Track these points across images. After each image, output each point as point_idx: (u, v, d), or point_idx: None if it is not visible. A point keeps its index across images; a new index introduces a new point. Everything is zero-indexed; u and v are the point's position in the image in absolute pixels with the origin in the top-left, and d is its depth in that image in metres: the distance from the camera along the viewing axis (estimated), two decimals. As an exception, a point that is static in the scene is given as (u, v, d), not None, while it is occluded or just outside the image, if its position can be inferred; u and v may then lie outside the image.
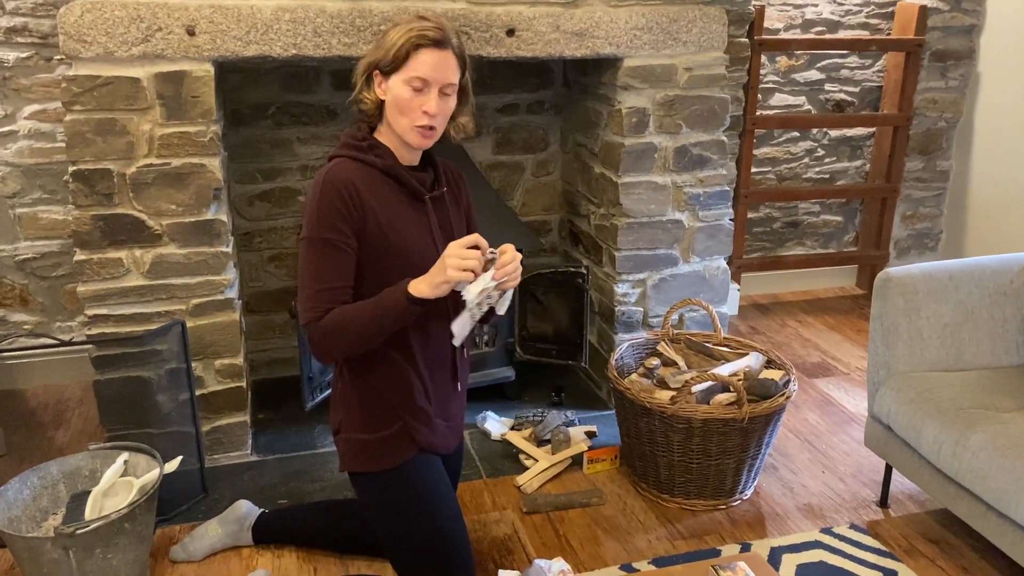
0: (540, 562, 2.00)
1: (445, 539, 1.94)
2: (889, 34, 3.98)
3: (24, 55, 2.89)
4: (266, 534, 2.29)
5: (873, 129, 4.13)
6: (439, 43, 1.78)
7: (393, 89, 1.80)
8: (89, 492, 2.12)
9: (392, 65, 1.79)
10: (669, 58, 2.77)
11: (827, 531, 2.42)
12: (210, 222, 2.50)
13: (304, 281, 1.79)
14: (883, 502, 2.56)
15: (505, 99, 3.30)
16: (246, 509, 2.32)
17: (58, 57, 2.90)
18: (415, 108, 1.79)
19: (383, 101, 1.84)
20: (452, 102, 1.84)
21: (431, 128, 1.82)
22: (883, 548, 2.34)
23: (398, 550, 1.98)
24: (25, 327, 3.16)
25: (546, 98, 3.34)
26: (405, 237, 1.84)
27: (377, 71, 1.83)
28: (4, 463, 2.69)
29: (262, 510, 2.33)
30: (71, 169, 2.37)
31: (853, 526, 2.44)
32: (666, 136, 2.86)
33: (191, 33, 2.33)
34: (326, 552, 2.29)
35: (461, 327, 1.81)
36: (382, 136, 1.88)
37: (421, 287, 1.71)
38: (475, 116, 1.97)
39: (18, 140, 2.96)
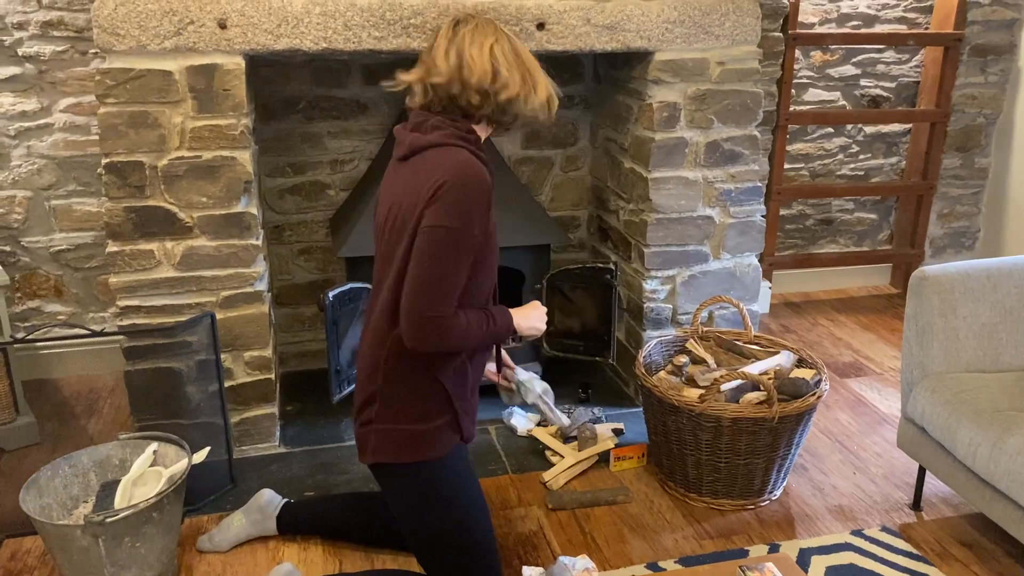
0: (565, 559, 1.99)
1: (476, 532, 1.94)
2: (927, 28, 3.91)
3: (60, 49, 2.92)
4: (292, 524, 2.30)
5: (909, 125, 4.06)
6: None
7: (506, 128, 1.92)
8: (119, 481, 2.15)
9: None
10: (701, 52, 2.74)
11: (858, 533, 2.38)
12: (240, 215, 2.51)
13: (441, 271, 1.72)
14: (916, 505, 2.51)
15: (535, 93, 3.28)
16: (267, 497, 2.33)
17: (93, 51, 2.94)
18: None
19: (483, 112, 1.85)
20: None
21: None
22: (915, 551, 2.30)
23: (426, 543, 1.97)
24: (59, 317, 3.20)
25: (576, 92, 3.32)
26: (496, 234, 1.88)
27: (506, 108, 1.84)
28: (37, 451, 2.74)
29: (286, 499, 2.34)
30: (104, 161, 2.39)
31: (885, 528, 2.40)
32: (697, 131, 2.82)
33: (222, 26, 2.35)
34: (352, 544, 2.30)
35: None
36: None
37: (523, 325, 1.97)
38: None
39: (53, 133, 3.00)
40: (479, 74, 1.78)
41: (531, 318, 1.98)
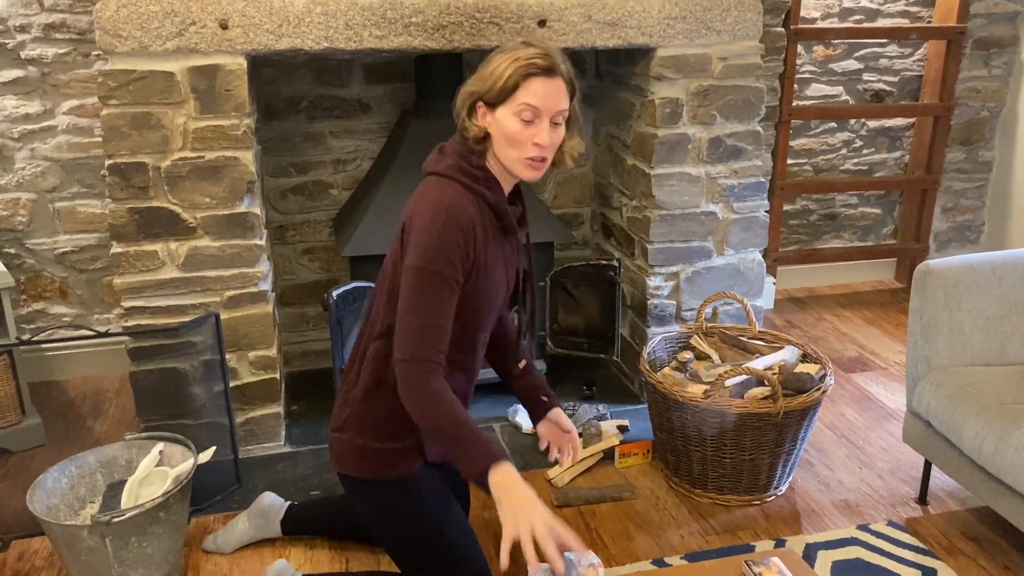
0: (570, 555, 1.99)
1: (450, 548, 1.87)
2: (930, 22, 3.90)
3: (62, 51, 2.93)
4: (297, 525, 2.31)
5: (913, 120, 4.05)
6: (549, 71, 1.66)
7: (501, 121, 1.69)
8: (125, 481, 2.15)
9: (499, 97, 1.68)
10: (703, 48, 2.74)
11: (864, 528, 2.37)
12: (243, 215, 2.52)
13: (410, 314, 1.65)
14: (922, 499, 2.51)
15: (537, 91, 3.28)
16: (269, 501, 2.32)
17: (95, 53, 2.94)
18: (525, 140, 1.68)
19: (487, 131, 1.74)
20: (562, 131, 1.74)
21: (542, 160, 1.71)
22: (922, 546, 2.30)
23: (398, 557, 1.93)
24: (64, 319, 3.21)
25: (578, 89, 3.31)
26: (495, 275, 1.79)
27: (481, 103, 1.71)
28: (44, 453, 2.74)
29: (289, 502, 2.35)
30: (107, 163, 2.40)
31: (891, 523, 2.40)
32: (700, 127, 2.82)
33: (224, 27, 2.35)
34: (358, 544, 2.30)
35: None
36: (489, 164, 1.77)
37: (498, 489, 1.53)
38: (583, 133, 1.86)
39: (57, 135, 3.01)
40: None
41: (516, 505, 1.51)
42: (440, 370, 1.65)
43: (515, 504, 1.51)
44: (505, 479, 1.54)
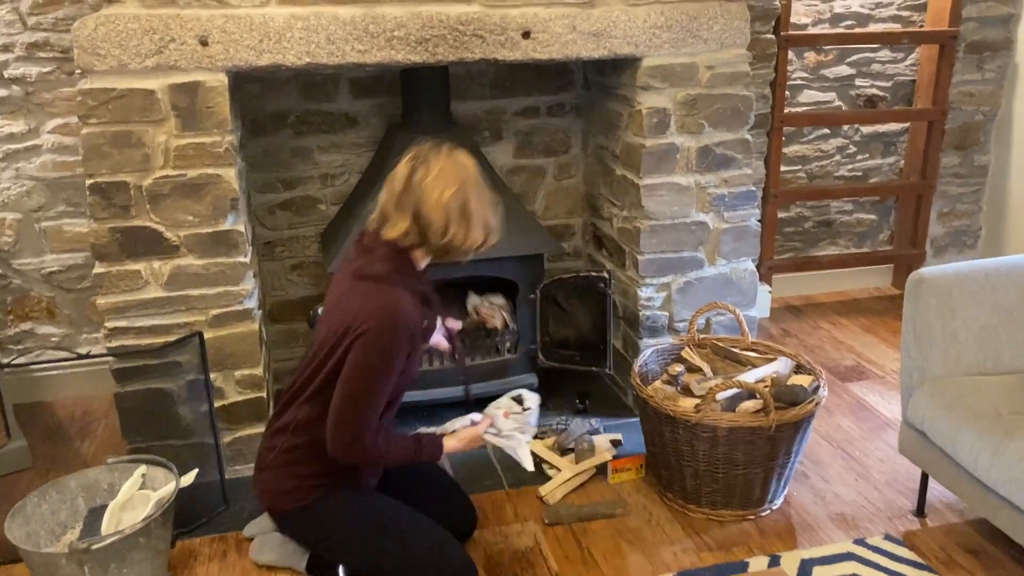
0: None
1: (405, 535, 2.06)
2: (922, 26, 3.87)
3: (46, 70, 2.91)
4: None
5: (907, 124, 4.02)
6: None
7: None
8: (107, 506, 2.12)
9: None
10: (690, 56, 2.71)
11: (860, 542, 2.33)
12: (227, 232, 2.49)
13: (359, 403, 1.93)
14: (919, 511, 2.47)
15: (525, 102, 3.26)
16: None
17: (78, 71, 2.92)
18: None
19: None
20: None
21: None
22: (919, 560, 2.25)
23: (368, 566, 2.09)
24: (52, 339, 3.18)
25: (566, 100, 3.29)
26: (421, 356, 2.22)
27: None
28: (30, 476, 2.71)
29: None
30: (88, 182, 2.38)
31: (888, 537, 2.36)
32: (688, 136, 2.79)
33: (204, 43, 2.33)
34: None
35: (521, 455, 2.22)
36: (415, 257, 2.04)
37: (455, 444, 2.14)
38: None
39: (42, 154, 2.98)
40: (433, 227, 1.95)
41: (454, 446, 2.14)
42: (375, 438, 1.96)
43: (454, 446, 2.15)
44: (451, 441, 2.14)
